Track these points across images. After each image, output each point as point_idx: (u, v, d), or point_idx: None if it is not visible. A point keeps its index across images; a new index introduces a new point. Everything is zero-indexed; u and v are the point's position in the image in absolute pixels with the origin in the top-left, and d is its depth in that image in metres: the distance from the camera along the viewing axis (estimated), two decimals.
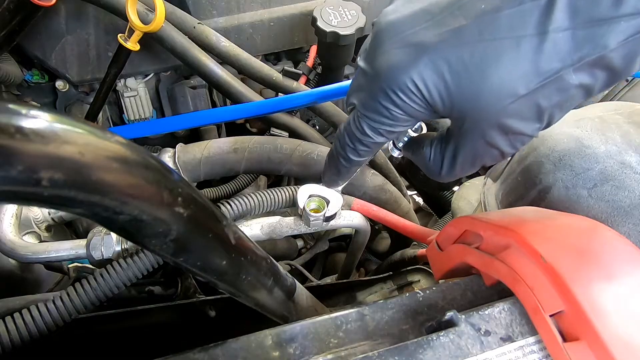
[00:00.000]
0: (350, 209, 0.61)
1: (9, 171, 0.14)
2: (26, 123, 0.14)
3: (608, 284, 0.25)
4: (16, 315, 0.33)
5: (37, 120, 0.15)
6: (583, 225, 0.30)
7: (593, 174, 0.36)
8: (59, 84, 0.81)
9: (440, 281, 0.39)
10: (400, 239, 0.78)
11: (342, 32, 0.72)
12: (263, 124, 0.85)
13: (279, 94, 0.76)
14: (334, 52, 0.77)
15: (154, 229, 0.20)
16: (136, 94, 0.83)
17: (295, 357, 0.28)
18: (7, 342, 0.31)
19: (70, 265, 0.52)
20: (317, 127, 0.89)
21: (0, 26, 0.65)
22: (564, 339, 0.25)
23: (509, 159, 0.53)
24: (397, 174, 0.78)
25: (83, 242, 0.48)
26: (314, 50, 0.83)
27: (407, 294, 0.32)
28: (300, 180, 0.75)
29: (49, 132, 0.15)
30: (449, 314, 0.27)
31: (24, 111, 0.15)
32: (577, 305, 0.24)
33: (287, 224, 0.55)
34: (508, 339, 0.27)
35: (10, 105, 0.15)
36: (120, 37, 0.67)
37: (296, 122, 0.77)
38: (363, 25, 0.73)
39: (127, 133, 0.75)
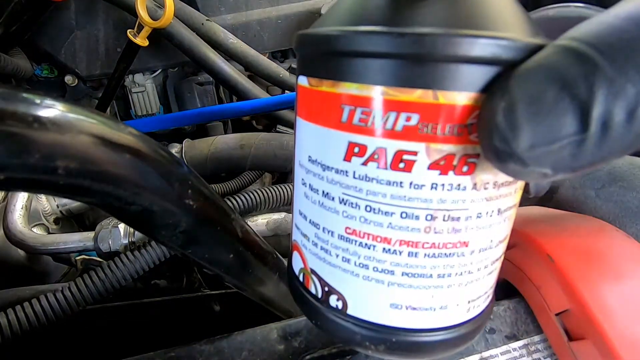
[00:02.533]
0: None
1: (26, 159, 0.14)
2: (44, 112, 0.15)
3: (615, 284, 0.25)
4: (26, 304, 0.33)
5: (54, 110, 0.15)
6: (590, 225, 0.30)
7: (601, 174, 0.36)
8: (68, 78, 0.81)
9: None
10: None
11: None
12: (269, 121, 0.85)
13: (286, 91, 0.76)
14: None
15: (164, 220, 0.21)
16: (144, 90, 0.84)
17: (300, 350, 0.28)
18: (17, 329, 0.32)
19: (77, 258, 0.52)
20: None
21: (12, 20, 0.66)
22: (570, 338, 0.25)
23: None
24: None
25: (91, 234, 0.49)
26: None
27: None
28: None
29: (66, 122, 0.15)
30: None
31: (41, 101, 0.15)
32: (584, 304, 0.24)
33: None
34: (513, 337, 0.27)
35: (29, 95, 0.15)
36: (129, 33, 0.68)
37: None
38: None
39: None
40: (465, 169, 0.15)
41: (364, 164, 0.15)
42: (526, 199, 0.40)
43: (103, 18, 0.76)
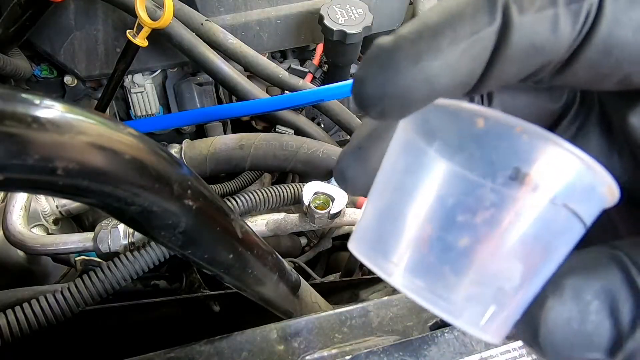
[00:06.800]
0: (355, 207, 0.61)
1: (25, 160, 0.14)
2: (42, 113, 0.15)
3: None
4: (25, 305, 0.33)
5: (52, 110, 0.15)
6: None
7: None
8: (67, 79, 0.81)
9: None
10: None
11: (349, 30, 0.72)
12: (268, 122, 0.86)
13: (285, 91, 0.76)
14: (341, 51, 0.77)
15: (164, 220, 0.21)
16: (143, 90, 0.83)
17: (300, 351, 0.28)
18: (17, 330, 0.31)
19: (77, 258, 0.52)
20: (323, 125, 0.89)
21: (11, 21, 0.66)
22: None
23: None
24: None
25: (91, 235, 0.49)
26: (320, 48, 0.83)
27: None
28: (304, 178, 0.75)
29: (65, 123, 0.15)
30: None
31: (40, 101, 0.15)
32: None
33: (292, 221, 0.55)
34: (513, 337, 0.27)
35: (27, 95, 0.15)
36: (128, 33, 0.68)
37: (302, 120, 0.77)
38: (370, 24, 0.73)
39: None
40: None
41: None
42: None
43: (102, 18, 0.76)
